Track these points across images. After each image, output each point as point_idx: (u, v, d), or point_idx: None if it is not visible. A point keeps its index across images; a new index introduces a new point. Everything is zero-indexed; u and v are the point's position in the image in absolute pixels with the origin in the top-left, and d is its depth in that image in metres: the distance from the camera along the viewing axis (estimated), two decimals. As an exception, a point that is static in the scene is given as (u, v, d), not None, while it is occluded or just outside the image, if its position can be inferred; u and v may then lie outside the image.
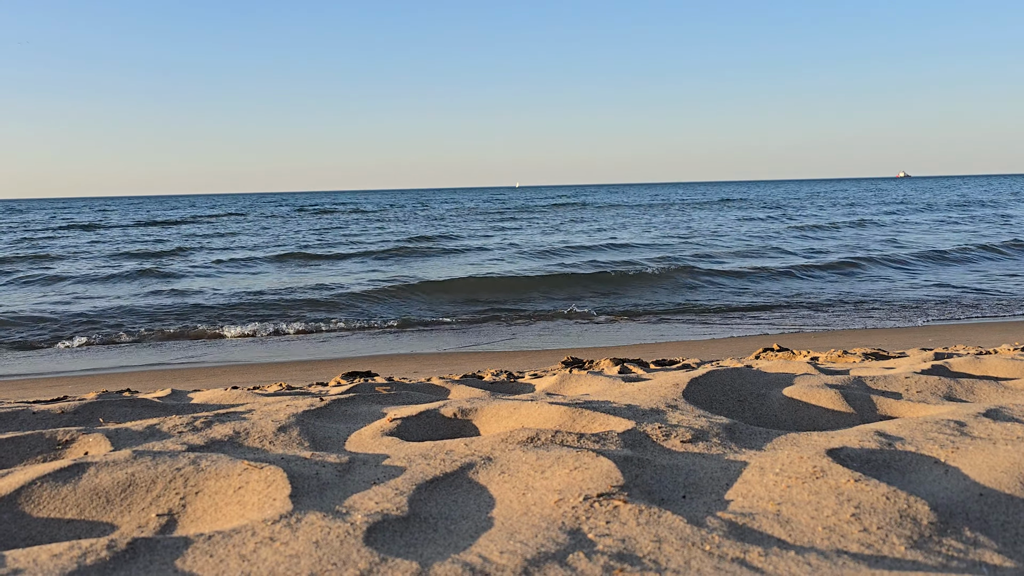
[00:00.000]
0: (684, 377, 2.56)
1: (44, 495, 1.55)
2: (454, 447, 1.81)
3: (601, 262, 15.84)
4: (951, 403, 2.25)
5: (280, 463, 1.68)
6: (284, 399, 2.78)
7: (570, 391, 2.92)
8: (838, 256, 16.01)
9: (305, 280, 14.11)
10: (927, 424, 1.89)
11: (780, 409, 2.30)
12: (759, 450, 1.79)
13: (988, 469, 1.51)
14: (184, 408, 2.69)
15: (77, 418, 2.43)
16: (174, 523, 1.48)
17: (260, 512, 1.43)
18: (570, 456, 1.64)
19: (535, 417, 2.15)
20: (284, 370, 6.88)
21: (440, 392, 3.02)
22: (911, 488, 1.44)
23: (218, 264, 17.39)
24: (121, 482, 1.60)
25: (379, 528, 1.32)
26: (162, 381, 6.27)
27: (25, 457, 1.96)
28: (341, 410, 2.47)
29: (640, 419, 2.05)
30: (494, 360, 6.91)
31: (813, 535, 1.26)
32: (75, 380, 6.62)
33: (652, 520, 1.31)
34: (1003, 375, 2.81)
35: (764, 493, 1.45)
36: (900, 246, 18.13)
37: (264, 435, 2.08)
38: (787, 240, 20.53)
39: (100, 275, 15.55)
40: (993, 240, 18.45)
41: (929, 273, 13.81)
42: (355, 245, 21.87)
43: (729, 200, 55.36)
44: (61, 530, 1.47)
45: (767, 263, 15.21)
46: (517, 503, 1.45)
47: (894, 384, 2.52)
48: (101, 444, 2.01)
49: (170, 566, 1.21)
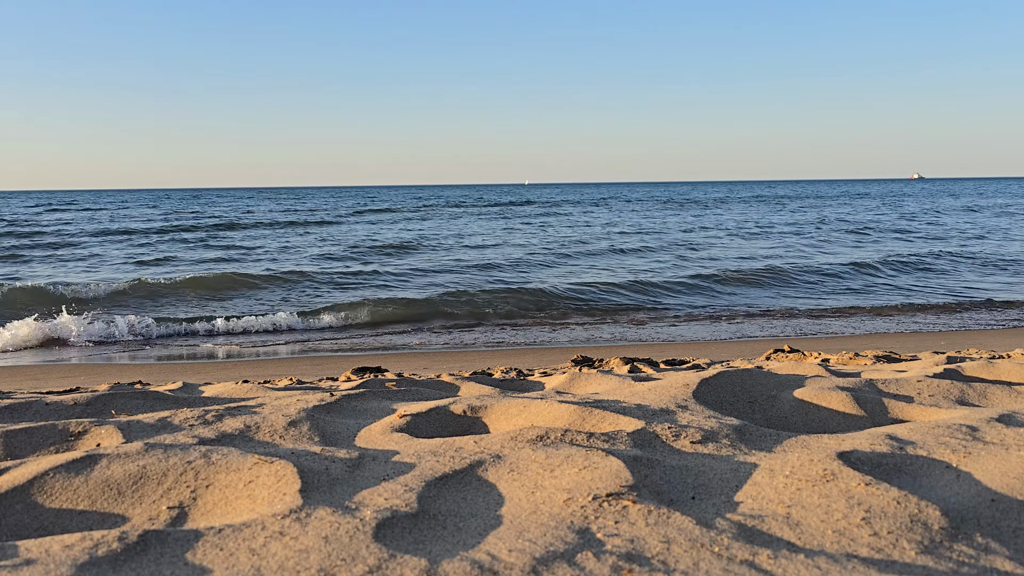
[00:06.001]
0: (694, 377, 2.55)
1: (56, 486, 1.57)
2: (463, 444, 1.82)
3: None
4: (963, 407, 2.24)
5: (290, 458, 1.69)
6: (295, 394, 2.79)
7: (580, 390, 2.91)
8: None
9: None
10: (939, 428, 1.88)
11: (790, 411, 2.29)
12: (769, 452, 1.79)
13: (1001, 475, 1.50)
14: (195, 401, 2.71)
15: (89, 410, 2.45)
16: (185, 516, 1.49)
17: (270, 506, 1.44)
18: (579, 455, 1.64)
19: (545, 415, 2.15)
20: (295, 364, 6.90)
21: (450, 389, 3.03)
22: (922, 493, 1.43)
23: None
24: (133, 474, 1.61)
25: (388, 524, 1.32)
26: (174, 374, 6.31)
27: (38, 448, 1.98)
28: (351, 405, 2.48)
29: (650, 419, 2.05)
30: (503, 357, 6.91)
31: (823, 538, 1.25)
32: (87, 371, 6.67)
33: (661, 521, 1.31)
34: (1016, 380, 2.79)
35: (774, 495, 1.45)
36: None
37: (275, 429, 2.09)
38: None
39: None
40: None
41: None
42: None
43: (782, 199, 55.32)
44: (73, 521, 1.48)
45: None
46: (526, 501, 1.46)
47: (906, 387, 2.50)
48: (113, 436, 2.03)
49: (180, 559, 1.21)
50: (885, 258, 15.88)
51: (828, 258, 16.48)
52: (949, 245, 19.09)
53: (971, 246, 18.75)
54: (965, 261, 15.80)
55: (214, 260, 17.51)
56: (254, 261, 17.31)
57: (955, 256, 16.47)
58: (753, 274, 13.63)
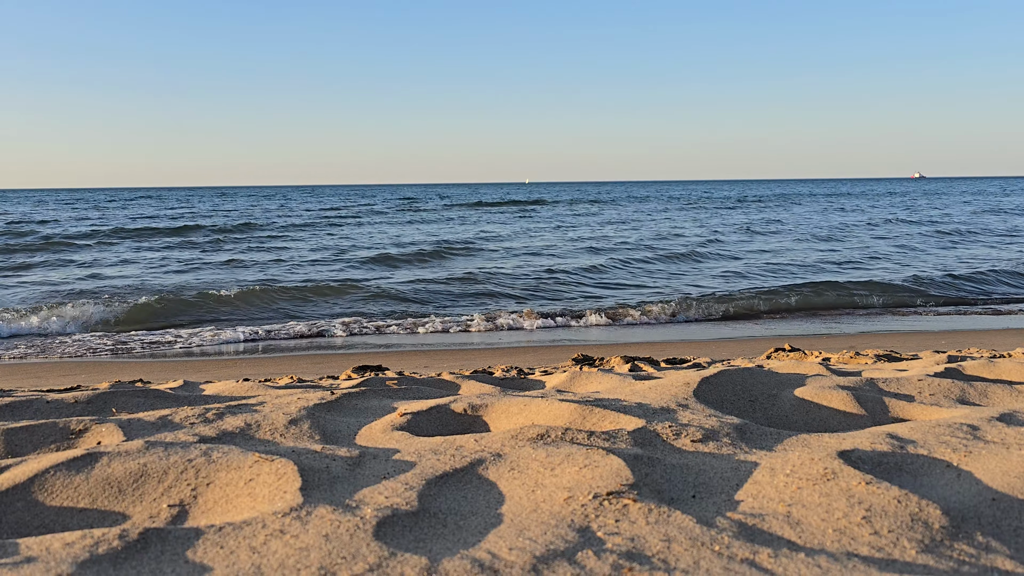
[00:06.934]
0: (695, 376, 2.55)
1: (57, 484, 1.57)
2: (464, 443, 1.82)
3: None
4: (964, 406, 2.23)
5: (291, 456, 1.69)
6: (295, 392, 2.79)
7: (580, 388, 2.91)
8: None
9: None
10: (940, 427, 1.88)
11: (791, 410, 2.29)
12: (770, 451, 1.79)
13: (1001, 474, 1.49)
14: (196, 399, 2.71)
15: (90, 408, 2.45)
16: (185, 514, 1.49)
17: (271, 504, 1.44)
18: (580, 454, 1.64)
19: (545, 414, 2.15)
20: (295, 363, 6.91)
21: (450, 388, 3.03)
22: (923, 492, 1.43)
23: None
24: (133, 472, 1.61)
25: (389, 522, 1.32)
26: (174, 372, 6.31)
27: (39, 446, 1.98)
28: (352, 404, 2.48)
29: (650, 418, 2.05)
30: (504, 356, 6.91)
31: (823, 537, 1.25)
32: (88, 369, 6.67)
33: (661, 519, 1.31)
34: (1017, 379, 2.79)
35: (774, 494, 1.45)
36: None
37: (275, 428, 2.09)
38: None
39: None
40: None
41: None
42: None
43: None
44: (73, 519, 1.48)
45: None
46: (526, 500, 1.46)
47: (907, 386, 2.50)
48: (114, 434, 2.03)
49: (181, 557, 1.21)
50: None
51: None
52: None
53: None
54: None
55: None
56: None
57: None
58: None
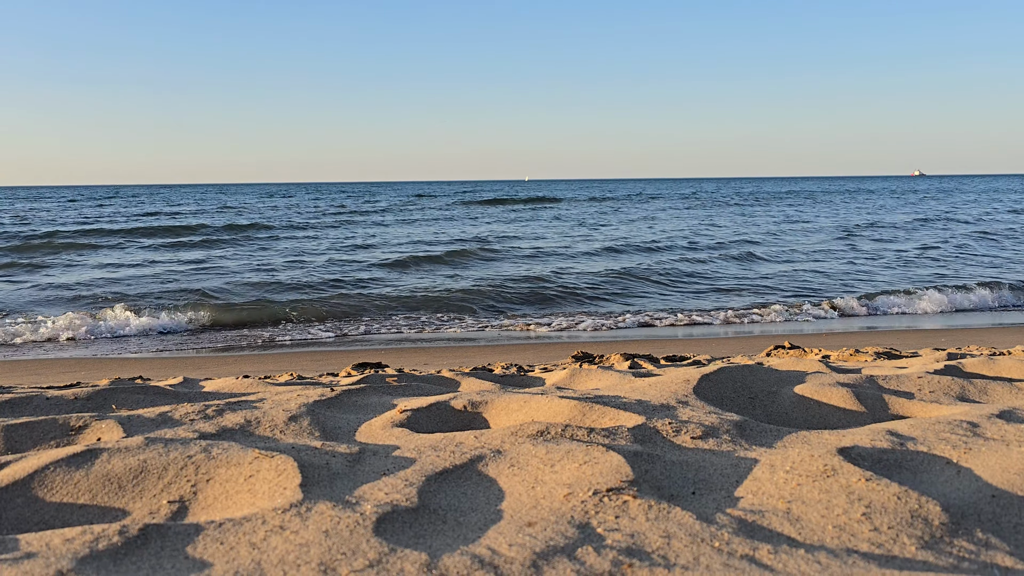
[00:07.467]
0: (695, 373, 2.55)
1: (57, 480, 1.57)
2: (464, 439, 1.82)
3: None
4: (964, 404, 2.23)
5: (291, 452, 1.69)
6: (295, 389, 2.79)
7: (580, 385, 2.91)
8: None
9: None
10: (939, 424, 1.88)
11: (791, 407, 2.29)
12: (770, 447, 1.79)
13: (1001, 471, 1.50)
14: (196, 396, 2.71)
15: (90, 404, 2.45)
16: (185, 510, 1.49)
17: (271, 500, 1.44)
18: (580, 450, 1.64)
19: (545, 411, 2.15)
20: (295, 360, 6.91)
21: (450, 384, 3.02)
22: (923, 488, 1.43)
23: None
24: (133, 468, 1.61)
25: (389, 519, 1.32)
26: (174, 369, 6.32)
27: (39, 442, 1.98)
28: (352, 400, 2.48)
29: (650, 414, 2.05)
30: (504, 353, 6.91)
31: (823, 534, 1.25)
32: (88, 366, 6.67)
33: (661, 516, 1.31)
34: (1017, 376, 2.79)
35: (774, 491, 1.45)
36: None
37: (275, 424, 2.09)
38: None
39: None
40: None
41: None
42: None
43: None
44: (73, 515, 1.48)
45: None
46: (526, 496, 1.46)
47: (906, 384, 2.50)
48: (114, 430, 2.03)
49: (181, 552, 1.21)
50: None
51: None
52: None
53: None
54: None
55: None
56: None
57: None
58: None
